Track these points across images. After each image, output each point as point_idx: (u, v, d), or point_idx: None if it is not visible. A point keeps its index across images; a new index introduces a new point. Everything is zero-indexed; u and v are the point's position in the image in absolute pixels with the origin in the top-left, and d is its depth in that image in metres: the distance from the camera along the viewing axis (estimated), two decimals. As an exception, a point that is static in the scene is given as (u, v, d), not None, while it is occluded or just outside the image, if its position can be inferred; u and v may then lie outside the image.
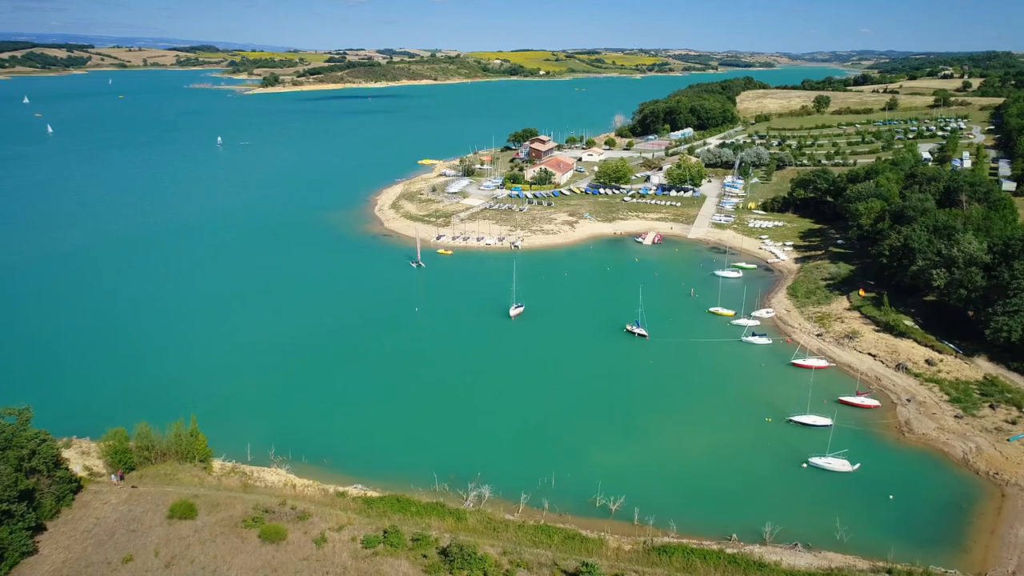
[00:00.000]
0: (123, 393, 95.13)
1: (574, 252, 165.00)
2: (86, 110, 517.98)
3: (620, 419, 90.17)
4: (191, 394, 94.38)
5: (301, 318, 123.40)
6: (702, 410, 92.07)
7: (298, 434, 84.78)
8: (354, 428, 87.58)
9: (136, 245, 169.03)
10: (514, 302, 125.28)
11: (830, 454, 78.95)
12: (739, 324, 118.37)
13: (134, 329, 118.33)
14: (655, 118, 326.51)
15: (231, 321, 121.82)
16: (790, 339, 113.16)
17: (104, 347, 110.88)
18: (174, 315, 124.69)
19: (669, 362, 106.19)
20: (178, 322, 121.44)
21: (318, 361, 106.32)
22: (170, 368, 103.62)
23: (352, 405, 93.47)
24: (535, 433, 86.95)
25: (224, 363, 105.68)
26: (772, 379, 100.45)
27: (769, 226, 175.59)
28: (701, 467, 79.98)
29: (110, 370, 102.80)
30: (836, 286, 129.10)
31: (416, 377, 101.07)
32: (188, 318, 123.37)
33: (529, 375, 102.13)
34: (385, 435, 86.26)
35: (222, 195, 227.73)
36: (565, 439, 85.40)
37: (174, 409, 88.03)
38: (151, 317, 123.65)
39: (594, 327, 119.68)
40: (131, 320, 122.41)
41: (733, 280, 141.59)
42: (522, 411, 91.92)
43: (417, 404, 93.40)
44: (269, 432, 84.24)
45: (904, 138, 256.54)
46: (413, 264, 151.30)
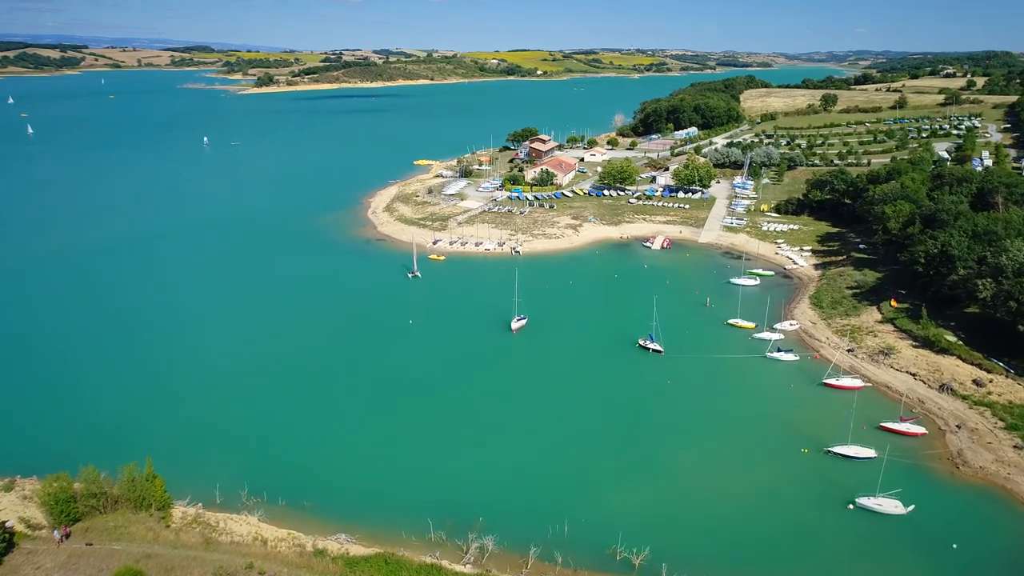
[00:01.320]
0: (78, 421, 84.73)
1: (579, 258, 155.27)
2: (74, 110, 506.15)
3: (639, 452, 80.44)
4: (154, 422, 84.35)
5: (282, 334, 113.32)
6: (730, 440, 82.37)
7: (275, 470, 74.94)
8: (339, 462, 77.62)
9: (100, 254, 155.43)
10: (516, 314, 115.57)
11: (880, 494, 69.37)
12: (761, 338, 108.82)
13: (94, 346, 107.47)
14: (658, 117, 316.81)
15: (203, 338, 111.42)
16: (818, 355, 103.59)
17: (60, 367, 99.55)
18: (140, 330, 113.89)
19: (689, 383, 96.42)
20: (143, 339, 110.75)
21: (299, 384, 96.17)
22: (134, 392, 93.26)
23: (337, 435, 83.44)
24: (544, 469, 77.10)
25: (194, 387, 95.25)
26: (804, 402, 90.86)
27: (784, 229, 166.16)
28: (734, 509, 70.32)
29: (66, 392, 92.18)
30: (864, 296, 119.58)
31: (409, 402, 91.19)
32: (156, 334, 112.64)
33: (534, 399, 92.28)
34: (374, 470, 76.41)
35: (205, 198, 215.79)
36: (578, 476, 75.65)
37: (135, 440, 78.65)
38: (113, 333, 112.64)
39: (604, 342, 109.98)
40: (92, 336, 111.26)
41: (750, 288, 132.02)
42: (528, 442, 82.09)
43: (410, 434, 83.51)
44: (242, 468, 74.43)
45: (917, 137, 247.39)
46: (410, 274, 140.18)
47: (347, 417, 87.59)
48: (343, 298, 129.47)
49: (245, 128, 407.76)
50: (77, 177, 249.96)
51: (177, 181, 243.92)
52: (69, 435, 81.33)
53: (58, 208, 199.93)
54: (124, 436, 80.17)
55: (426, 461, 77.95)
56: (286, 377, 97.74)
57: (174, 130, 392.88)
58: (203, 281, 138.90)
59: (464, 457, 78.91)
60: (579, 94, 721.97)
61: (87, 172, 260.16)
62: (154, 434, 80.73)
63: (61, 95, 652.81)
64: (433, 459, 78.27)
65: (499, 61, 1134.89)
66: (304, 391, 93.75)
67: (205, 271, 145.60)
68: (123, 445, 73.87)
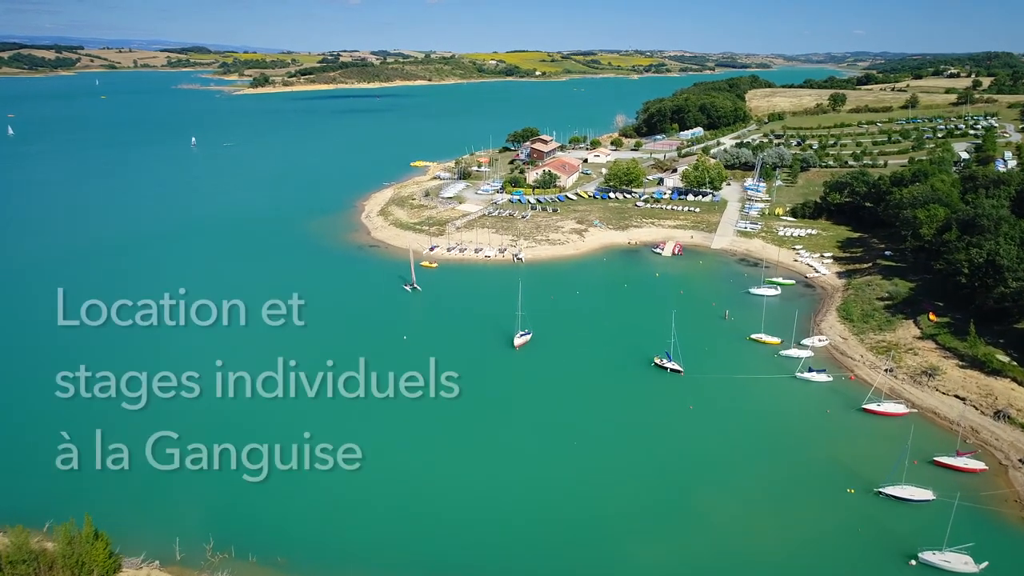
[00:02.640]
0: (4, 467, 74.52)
1: (585, 265, 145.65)
2: (62, 111, 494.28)
3: (658, 491, 70.82)
4: (104, 466, 74.09)
5: (255, 357, 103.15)
6: (763, 477, 72.76)
7: (245, 520, 65.19)
8: (318, 507, 67.66)
9: (61, 264, 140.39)
10: (519, 328, 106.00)
11: (947, 548, 59.80)
12: (789, 355, 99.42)
13: (43, 370, 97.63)
14: (662, 117, 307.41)
15: (167, 362, 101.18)
16: (854, 375, 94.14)
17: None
18: (96, 349, 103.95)
19: (713, 408, 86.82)
20: (98, 361, 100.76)
21: (274, 417, 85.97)
22: (77, 427, 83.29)
23: (316, 477, 73.30)
24: (549, 511, 67.36)
25: (153, 420, 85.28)
26: (844, 431, 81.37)
27: (802, 234, 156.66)
28: (771, 562, 60.79)
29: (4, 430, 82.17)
30: (897, 308, 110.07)
31: (398, 435, 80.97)
32: (112, 354, 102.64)
33: (539, 428, 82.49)
34: (358, 517, 66.73)
35: (187, 201, 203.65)
36: (588, 521, 65.88)
37: (78, 485, 68.46)
38: (66, 351, 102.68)
39: (616, 360, 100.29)
40: (43, 356, 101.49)
41: (771, 299, 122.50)
42: (531, 479, 72.31)
43: (398, 474, 73.26)
44: (207, 518, 64.73)
45: (933, 137, 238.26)
46: (407, 287, 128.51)
47: (327, 452, 77.46)
48: (330, 311, 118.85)
49: (239, 129, 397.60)
50: (50, 179, 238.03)
51: (159, 184, 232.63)
52: (13, 475, 71.43)
53: (31, 214, 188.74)
54: (65, 481, 70.04)
55: (416, 505, 68.26)
56: (258, 409, 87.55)
57: (162, 131, 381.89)
58: (177, 290, 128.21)
59: (459, 499, 69.21)
60: (579, 94, 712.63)
61: (62, 174, 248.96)
62: (102, 476, 70.74)
63: (53, 95, 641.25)
64: (424, 503, 68.56)
65: (497, 62, 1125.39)
66: (280, 424, 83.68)
67: (170, 281, 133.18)
68: (65, 492, 63.60)
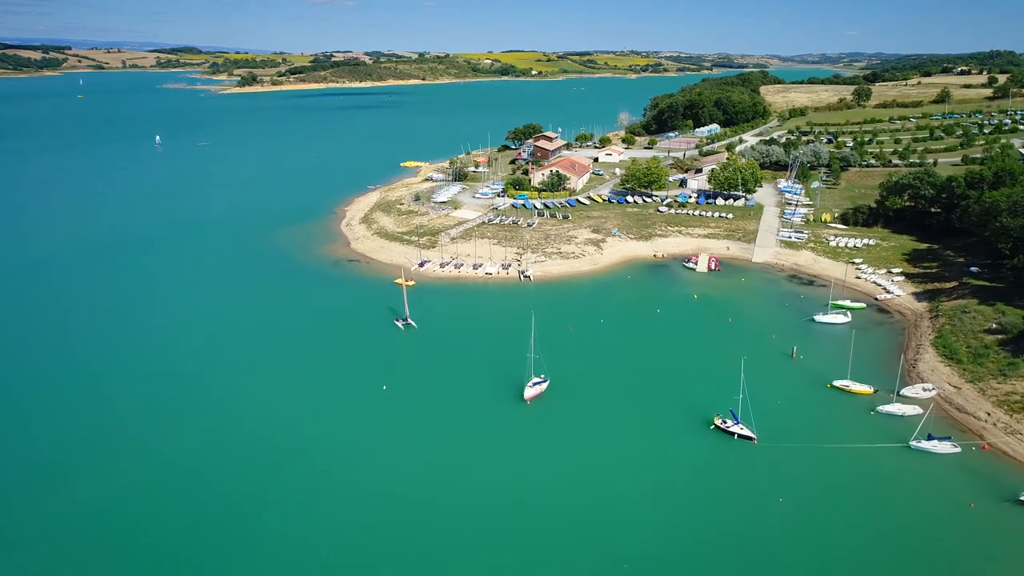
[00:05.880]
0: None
1: (606, 284, 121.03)
2: (32, 111, 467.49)
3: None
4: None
5: (209, 405, 78.72)
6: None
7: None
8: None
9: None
10: (531, 374, 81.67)
11: None
12: (891, 413, 75.41)
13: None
14: (673, 113, 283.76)
15: (102, 413, 76.90)
16: (987, 444, 69.93)
17: None
18: (19, 400, 79.59)
19: (806, 498, 62.37)
20: (23, 416, 76.33)
21: (228, 490, 61.82)
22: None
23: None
24: None
25: (90, 491, 60.83)
26: (1004, 542, 57.02)
27: (859, 245, 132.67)
28: None
29: None
30: (1017, 345, 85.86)
31: (376, 519, 56.91)
32: (42, 407, 78.28)
33: (557, 524, 58.16)
34: None
35: (134, 208, 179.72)
36: None
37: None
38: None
39: (661, 419, 75.78)
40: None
41: (840, 328, 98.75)
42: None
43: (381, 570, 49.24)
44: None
45: (979, 133, 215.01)
46: (399, 322, 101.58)
47: (293, 547, 52.97)
48: (296, 347, 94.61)
49: (219, 128, 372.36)
50: (3, 184, 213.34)
51: (106, 188, 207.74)
52: None
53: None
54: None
55: None
56: (211, 473, 63.00)
57: (131, 130, 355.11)
58: (120, 319, 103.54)
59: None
60: (578, 93, 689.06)
61: (10, 175, 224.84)
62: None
63: (29, 95, 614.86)
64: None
65: (493, 61, 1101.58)
66: (235, 499, 59.07)
67: (107, 305, 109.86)
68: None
